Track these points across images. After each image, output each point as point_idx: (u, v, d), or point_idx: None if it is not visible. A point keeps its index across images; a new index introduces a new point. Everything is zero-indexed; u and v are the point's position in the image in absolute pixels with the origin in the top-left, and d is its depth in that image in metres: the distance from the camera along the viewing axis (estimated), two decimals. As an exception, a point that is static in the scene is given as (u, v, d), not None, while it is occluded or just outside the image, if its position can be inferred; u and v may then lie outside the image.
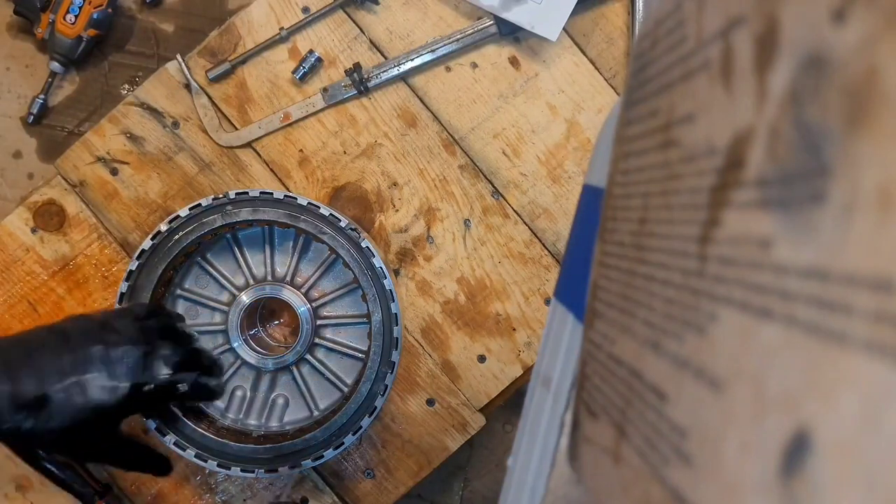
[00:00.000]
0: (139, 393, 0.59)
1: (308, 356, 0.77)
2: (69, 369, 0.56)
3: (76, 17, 0.78)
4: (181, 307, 0.78)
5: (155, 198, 0.78)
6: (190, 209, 0.72)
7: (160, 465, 0.67)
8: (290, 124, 0.77)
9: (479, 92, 0.77)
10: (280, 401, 0.79)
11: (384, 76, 0.76)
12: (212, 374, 0.66)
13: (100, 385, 0.57)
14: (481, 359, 0.78)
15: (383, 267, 0.73)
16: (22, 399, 0.55)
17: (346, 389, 0.77)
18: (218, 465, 0.72)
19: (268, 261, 0.78)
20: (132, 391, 0.58)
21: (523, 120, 0.78)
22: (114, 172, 0.77)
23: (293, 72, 0.76)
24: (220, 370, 0.69)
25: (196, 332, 0.71)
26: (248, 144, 0.78)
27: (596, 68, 0.77)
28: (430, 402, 0.78)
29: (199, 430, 0.73)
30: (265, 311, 0.81)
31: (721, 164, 0.19)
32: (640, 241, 0.25)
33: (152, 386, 0.60)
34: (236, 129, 0.78)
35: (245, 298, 0.76)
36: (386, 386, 0.73)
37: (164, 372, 0.61)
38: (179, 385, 0.62)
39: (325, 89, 0.77)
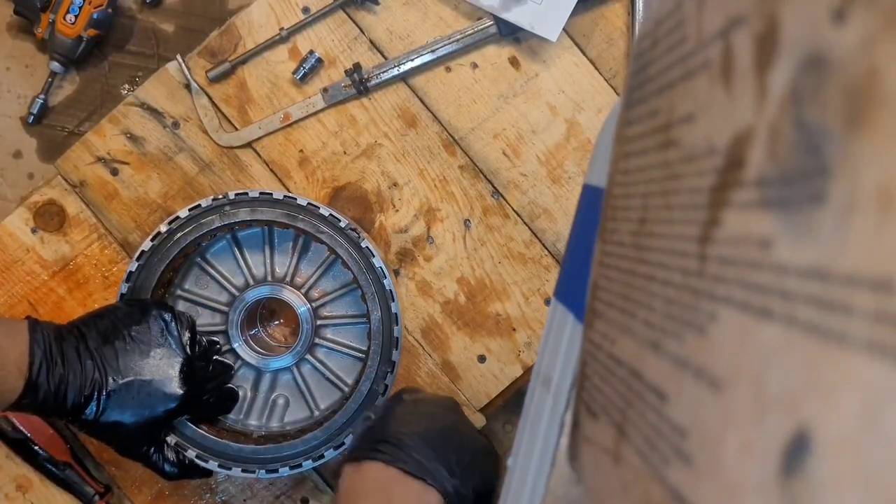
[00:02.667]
0: (193, 399, 0.70)
1: (308, 356, 0.77)
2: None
3: (76, 17, 0.78)
4: (181, 308, 0.78)
5: (155, 198, 0.78)
6: (189, 210, 0.72)
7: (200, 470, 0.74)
8: (290, 124, 0.77)
9: (479, 92, 0.77)
10: (280, 401, 0.79)
11: (384, 76, 0.76)
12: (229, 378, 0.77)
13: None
14: (481, 359, 0.78)
15: (383, 266, 0.72)
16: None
17: (346, 389, 0.77)
18: (219, 466, 0.72)
19: (267, 261, 0.78)
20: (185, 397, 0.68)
21: (523, 120, 0.78)
22: (114, 173, 0.77)
23: (293, 72, 0.76)
24: (231, 374, 0.77)
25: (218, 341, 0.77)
26: (249, 145, 0.78)
27: (596, 68, 0.77)
28: (430, 403, 0.78)
29: (200, 430, 0.73)
30: (265, 311, 0.81)
31: (721, 164, 0.19)
32: (640, 241, 0.25)
33: (210, 396, 0.73)
34: (236, 129, 0.78)
35: (245, 299, 0.76)
36: (386, 385, 0.73)
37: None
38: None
39: (325, 89, 0.77)
